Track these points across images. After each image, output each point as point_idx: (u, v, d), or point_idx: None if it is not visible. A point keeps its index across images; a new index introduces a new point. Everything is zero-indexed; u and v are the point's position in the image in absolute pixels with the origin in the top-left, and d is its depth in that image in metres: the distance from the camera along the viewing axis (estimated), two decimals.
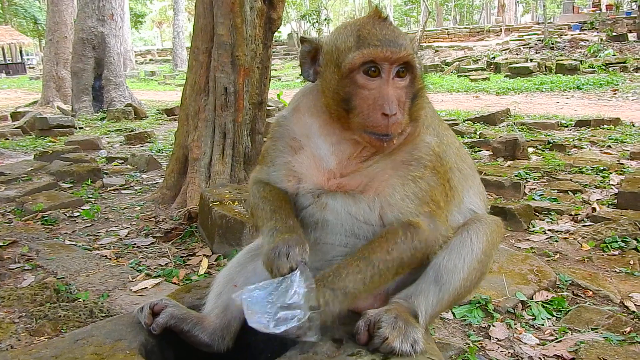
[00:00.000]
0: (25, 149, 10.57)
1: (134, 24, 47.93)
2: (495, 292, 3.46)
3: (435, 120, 1.81)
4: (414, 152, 1.65)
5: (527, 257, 3.93)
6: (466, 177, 1.87)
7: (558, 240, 4.60)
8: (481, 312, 3.29)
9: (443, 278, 1.64)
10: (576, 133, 9.76)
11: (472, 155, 8.13)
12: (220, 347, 1.75)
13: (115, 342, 1.58)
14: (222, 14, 5.41)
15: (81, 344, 1.56)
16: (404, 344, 1.50)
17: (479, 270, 1.69)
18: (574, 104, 14.42)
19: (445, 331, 3.12)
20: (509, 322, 3.19)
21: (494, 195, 5.92)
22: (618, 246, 4.31)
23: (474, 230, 1.71)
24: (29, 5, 50.10)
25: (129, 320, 1.74)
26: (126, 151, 9.85)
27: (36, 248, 4.60)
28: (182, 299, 1.89)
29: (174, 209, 5.71)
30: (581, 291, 3.60)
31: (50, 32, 19.01)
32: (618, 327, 3.09)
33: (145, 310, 1.72)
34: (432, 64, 26.24)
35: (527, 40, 26.90)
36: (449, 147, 1.80)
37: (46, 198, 6.15)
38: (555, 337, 3.02)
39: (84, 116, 15.67)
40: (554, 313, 3.31)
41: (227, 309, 1.80)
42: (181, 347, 1.72)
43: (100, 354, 1.48)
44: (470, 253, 1.66)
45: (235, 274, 1.89)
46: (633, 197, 5.23)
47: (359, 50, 1.57)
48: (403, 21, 61.65)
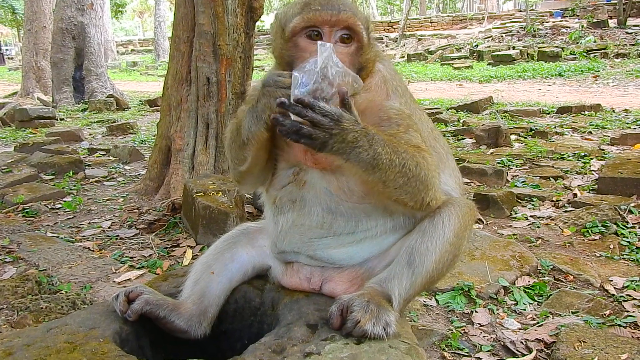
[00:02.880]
0: (5, 141, 10.40)
1: (115, 14, 47.08)
2: (478, 278, 3.50)
3: (407, 96, 1.82)
4: (381, 114, 1.68)
5: (510, 244, 3.98)
6: (440, 158, 1.87)
7: (540, 226, 4.65)
8: (464, 298, 3.33)
9: (416, 261, 1.64)
10: (558, 120, 9.86)
11: (455, 144, 8.18)
12: (196, 333, 1.74)
13: (88, 330, 1.56)
14: (203, 3, 5.35)
15: (54, 332, 1.54)
16: (376, 326, 1.51)
17: (451, 252, 1.70)
18: (556, 91, 14.56)
19: (429, 317, 3.16)
20: (492, 308, 3.24)
21: (477, 182, 5.97)
22: (598, 231, 4.37)
23: (446, 213, 1.71)
24: None
25: (104, 309, 1.73)
26: (108, 142, 9.74)
27: (17, 240, 4.54)
28: (158, 287, 1.88)
29: (157, 200, 5.66)
30: (562, 276, 3.66)
31: (29, 22, 18.64)
32: (598, 310, 3.15)
33: (121, 298, 1.71)
34: (416, 52, 26.26)
35: (509, 28, 27.02)
36: (421, 123, 1.81)
37: (27, 190, 6.06)
38: (536, 322, 3.07)
39: (64, 107, 15.44)
40: (536, 298, 3.37)
41: (204, 296, 1.80)
42: (157, 335, 1.71)
43: (72, 342, 1.46)
44: (442, 236, 1.67)
45: (212, 261, 1.88)
46: (613, 182, 5.31)
47: (301, 15, 1.62)
48: (386, 9, 61.47)
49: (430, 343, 2.83)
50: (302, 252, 1.78)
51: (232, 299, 1.87)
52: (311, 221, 1.73)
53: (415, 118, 1.75)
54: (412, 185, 1.58)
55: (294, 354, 1.39)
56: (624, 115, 9.97)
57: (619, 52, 20.08)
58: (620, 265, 3.79)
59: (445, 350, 2.80)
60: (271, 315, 1.75)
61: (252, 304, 1.86)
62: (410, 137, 1.66)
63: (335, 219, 1.72)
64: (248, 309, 1.86)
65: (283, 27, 1.67)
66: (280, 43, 1.69)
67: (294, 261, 1.83)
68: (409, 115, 1.70)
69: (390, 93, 1.74)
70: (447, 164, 1.88)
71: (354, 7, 1.67)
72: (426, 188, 1.62)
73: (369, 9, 44.52)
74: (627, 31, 22.89)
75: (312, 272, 1.80)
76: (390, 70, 1.80)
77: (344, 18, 1.60)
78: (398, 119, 1.67)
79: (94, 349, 1.44)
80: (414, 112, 1.78)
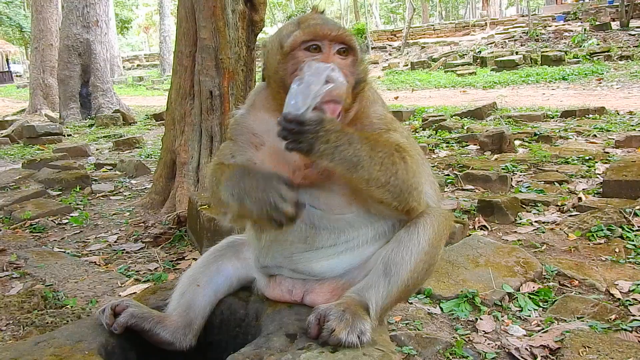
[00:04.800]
0: (13, 158, 10.52)
1: (120, 30, 47.68)
2: (482, 285, 3.50)
3: (385, 107, 1.91)
4: (365, 120, 1.73)
5: (514, 249, 3.97)
6: (426, 169, 1.92)
7: (545, 231, 4.64)
8: (468, 305, 3.32)
9: (392, 270, 1.67)
10: (562, 124, 9.85)
11: (460, 150, 8.19)
12: (182, 345, 1.77)
13: (75, 343, 1.60)
14: (204, 18, 5.42)
15: (42, 346, 1.58)
16: (350, 335, 1.54)
17: (426, 262, 1.72)
18: (560, 95, 14.54)
19: (433, 326, 3.15)
20: (496, 315, 3.23)
21: (482, 189, 5.97)
22: (604, 235, 4.35)
23: (421, 223, 1.74)
24: (14, 13, 49.69)
25: (91, 323, 1.76)
26: (115, 157, 9.82)
27: (24, 256, 4.59)
28: (146, 300, 1.92)
29: (163, 213, 5.70)
30: (567, 281, 3.64)
31: (36, 40, 18.91)
32: (603, 315, 3.13)
33: (107, 311, 1.75)
34: (419, 60, 26.32)
35: (512, 33, 27.04)
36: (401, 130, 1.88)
37: (34, 206, 6.12)
38: (541, 328, 3.06)
39: (72, 123, 15.61)
40: (541, 304, 3.35)
41: (190, 308, 1.83)
42: (144, 348, 1.73)
43: (59, 355, 1.51)
44: (417, 245, 1.70)
45: (198, 274, 1.92)
46: (618, 185, 5.29)
47: (300, 29, 1.68)
48: (389, 19, 61.75)
49: (435, 351, 2.83)
50: (284, 266, 1.81)
51: (217, 311, 1.90)
52: (294, 237, 1.76)
53: (395, 125, 1.83)
54: (394, 184, 1.61)
55: None
56: (628, 118, 9.95)
57: (623, 54, 20.05)
58: (626, 269, 3.76)
59: (449, 358, 2.80)
60: (255, 326, 1.78)
61: (237, 316, 1.89)
62: (391, 137, 1.72)
63: (318, 233, 1.75)
64: (233, 320, 1.89)
65: (282, 43, 1.71)
66: (277, 59, 1.73)
67: (276, 274, 1.86)
68: (392, 119, 1.78)
69: (373, 102, 1.82)
70: (425, 173, 1.89)
71: (347, 28, 1.77)
72: (409, 187, 1.64)
73: (372, 18, 44.77)
74: (630, 33, 22.86)
75: (294, 284, 1.83)
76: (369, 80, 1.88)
77: (342, 33, 1.69)
78: (381, 123, 1.74)
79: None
80: (394, 120, 1.87)
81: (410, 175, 1.64)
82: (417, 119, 11.74)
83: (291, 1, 40.62)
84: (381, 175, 1.57)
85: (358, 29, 32.63)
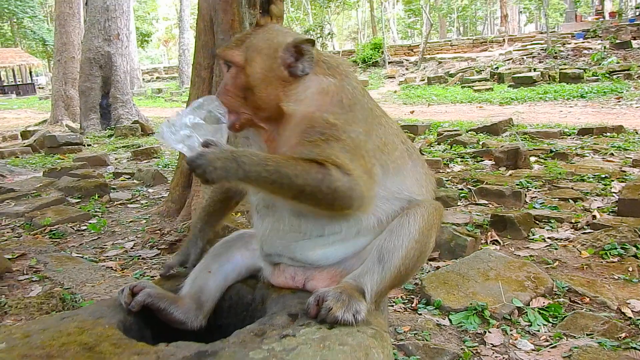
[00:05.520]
0: (34, 166, 10.76)
1: (141, 43, 48.56)
2: (491, 298, 3.51)
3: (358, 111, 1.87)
4: (307, 123, 1.79)
5: (525, 264, 3.98)
6: (398, 166, 1.94)
7: (557, 247, 4.63)
8: (477, 318, 3.34)
9: (385, 258, 1.79)
10: (579, 141, 9.79)
11: (474, 165, 8.19)
12: (193, 325, 1.90)
13: (96, 319, 1.74)
14: (222, 31, 5.55)
15: (67, 320, 1.73)
16: (347, 313, 1.66)
17: (417, 249, 1.82)
18: (577, 113, 14.46)
19: (442, 337, 3.18)
20: (505, 328, 3.24)
21: (495, 204, 5.97)
22: (617, 253, 4.33)
23: (412, 213, 1.85)
24: (37, 27, 51.00)
25: (111, 302, 1.90)
26: (133, 167, 9.99)
27: (44, 260, 4.71)
28: (162, 285, 2.06)
29: (178, 221, 5.80)
30: (578, 298, 3.64)
31: (58, 53, 19.36)
32: (613, 332, 3.12)
33: (126, 291, 1.87)
34: (436, 75, 26.39)
35: (530, 50, 26.97)
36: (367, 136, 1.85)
37: (54, 213, 6.28)
38: (550, 343, 3.06)
39: (92, 134, 15.91)
40: (550, 319, 3.35)
41: (201, 292, 1.97)
42: (159, 328, 1.86)
43: (82, 327, 1.66)
44: (408, 234, 1.80)
45: (210, 262, 2.06)
46: (633, 204, 5.26)
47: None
48: (407, 34, 62.00)
49: None
50: (283, 254, 1.93)
51: (227, 296, 2.04)
52: (284, 225, 1.88)
53: (350, 130, 1.80)
54: (318, 202, 1.72)
55: (272, 336, 1.57)
56: None
57: None
58: (639, 289, 3.75)
59: None
60: (261, 309, 1.90)
61: (244, 300, 2.03)
62: (323, 148, 1.74)
63: (304, 222, 1.85)
64: (241, 304, 2.03)
65: None
66: None
67: (279, 262, 1.97)
68: (333, 124, 1.77)
69: (327, 105, 1.82)
70: (407, 174, 1.96)
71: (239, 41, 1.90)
72: (335, 197, 1.71)
73: (389, 33, 45.01)
74: None
75: (295, 271, 1.94)
76: (341, 84, 1.87)
77: (220, 53, 1.91)
78: (321, 128, 1.76)
79: (99, 332, 1.63)
80: (354, 125, 1.82)
81: (333, 186, 1.69)
82: (432, 134, 11.77)
83: (309, 15, 41.02)
84: (292, 187, 1.68)
85: (375, 44, 32.82)
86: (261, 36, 1.89)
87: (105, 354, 1.51)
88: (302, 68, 1.82)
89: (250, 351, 1.47)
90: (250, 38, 1.90)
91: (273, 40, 1.86)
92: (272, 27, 1.95)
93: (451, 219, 5.39)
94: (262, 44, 1.86)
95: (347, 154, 1.75)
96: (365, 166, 1.79)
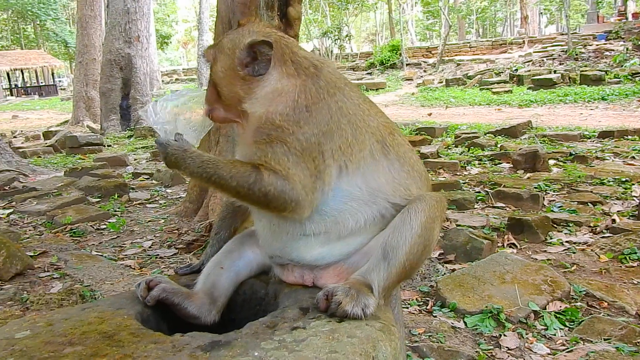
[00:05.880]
0: (56, 166, 10.96)
1: (160, 45, 49.04)
2: (507, 302, 3.49)
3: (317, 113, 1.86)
4: (259, 123, 1.86)
5: (542, 268, 3.95)
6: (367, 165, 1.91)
7: (576, 251, 4.59)
8: (493, 321, 3.33)
9: (389, 254, 1.81)
10: (599, 144, 9.67)
11: (492, 168, 8.13)
12: (207, 319, 1.93)
13: (115, 310, 1.81)
14: None
15: (88, 311, 1.82)
16: (356, 307, 1.70)
17: (421, 243, 1.83)
18: (598, 115, 14.26)
19: (456, 339, 3.17)
20: (521, 332, 3.22)
21: (512, 207, 5.93)
22: (637, 257, 4.28)
23: (412, 208, 1.86)
24: (60, 29, 51.94)
25: (130, 295, 1.98)
26: (152, 167, 10.12)
27: (65, 258, 4.81)
28: (177, 280, 2.11)
29: (196, 221, 5.87)
30: (596, 302, 3.60)
31: (80, 55, 19.67)
32: (631, 337, 3.08)
33: (142, 285, 1.93)
34: (454, 77, 26.20)
35: (550, 52, 26.65)
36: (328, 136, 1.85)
37: (75, 212, 6.39)
38: (566, 347, 3.04)
39: (112, 134, 16.14)
40: (567, 323, 3.33)
41: (214, 287, 2.01)
42: (175, 322, 1.91)
43: (102, 317, 1.74)
44: (410, 230, 1.82)
45: (222, 258, 2.10)
46: None
47: None
48: (425, 35, 61.73)
49: None
50: (282, 256, 1.97)
51: (240, 291, 2.09)
52: (275, 225, 1.93)
53: (300, 132, 1.81)
54: (254, 203, 1.83)
55: (284, 328, 1.62)
56: None
57: None
58: None
59: None
60: (273, 304, 1.95)
61: (258, 295, 2.08)
62: (265, 151, 1.80)
63: (284, 222, 1.90)
64: (254, 299, 2.08)
65: None
66: None
67: (285, 263, 2.00)
68: (279, 126, 1.80)
69: (278, 106, 1.85)
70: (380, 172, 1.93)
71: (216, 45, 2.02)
72: (268, 200, 1.78)
73: (407, 35, 44.87)
74: None
75: (302, 271, 1.98)
76: (302, 85, 1.88)
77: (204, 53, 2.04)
78: (268, 130, 1.82)
79: (118, 322, 1.71)
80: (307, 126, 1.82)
81: (266, 190, 1.76)
82: (449, 136, 11.71)
83: (327, 17, 41.07)
84: (226, 190, 1.81)
85: (393, 46, 32.72)
86: (231, 36, 1.99)
87: (123, 342, 1.57)
88: (257, 69, 1.89)
89: (262, 342, 1.53)
90: (224, 37, 2.01)
91: (236, 40, 1.93)
92: (248, 27, 2.00)
93: (468, 222, 5.37)
94: (228, 44, 1.95)
95: (291, 157, 1.79)
96: (313, 169, 1.81)
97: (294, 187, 1.77)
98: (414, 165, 2.02)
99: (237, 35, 1.96)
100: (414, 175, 2.00)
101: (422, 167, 2.07)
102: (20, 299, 3.83)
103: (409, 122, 14.55)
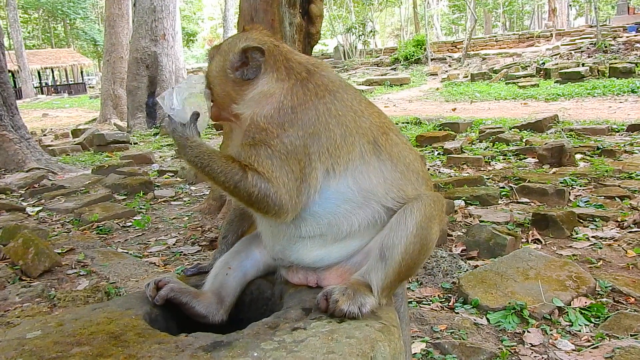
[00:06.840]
0: (84, 164, 11.19)
1: (186, 43, 49.56)
2: (531, 298, 3.45)
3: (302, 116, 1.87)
4: (246, 125, 1.91)
5: (566, 264, 3.88)
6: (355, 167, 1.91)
7: (602, 247, 4.50)
8: (516, 318, 3.29)
9: (386, 254, 1.83)
10: (628, 138, 9.43)
11: (517, 163, 8.01)
12: (214, 319, 1.96)
13: (124, 310, 1.86)
14: None
15: (97, 311, 1.86)
16: (352, 306, 1.73)
17: (417, 243, 1.83)
18: (628, 108, 13.91)
19: (479, 336, 3.14)
20: (545, 328, 3.18)
21: (537, 202, 5.84)
22: None
23: (409, 208, 1.86)
24: (89, 28, 52.97)
25: (139, 295, 2.03)
26: (177, 165, 10.24)
27: (91, 255, 4.91)
28: (187, 280, 2.16)
29: (219, 219, 5.93)
30: (622, 298, 3.53)
31: (108, 53, 20.04)
32: None
33: (151, 285, 1.97)
34: (479, 72, 25.81)
35: (578, 45, 26.01)
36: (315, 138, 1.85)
37: (101, 209, 6.53)
38: (591, 344, 2.99)
39: (138, 132, 16.39)
40: (592, 319, 3.27)
41: (222, 287, 2.04)
42: (183, 321, 1.94)
43: (110, 318, 1.78)
44: (405, 229, 1.82)
45: (230, 258, 2.13)
46: None
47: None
48: (450, 30, 60.99)
49: None
50: (284, 258, 2.00)
51: (248, 291, 2.12)
52: (274, 227, 1.95)
53: (285, 135, 1.82)
54: (239, 198, 1.85)
55: (285, 328, 1.66)
56: None
57: None
58: None
59: None
60: (279, 304, 1.97)
61: (264, 295, 2.11)
62: (250, 153, 1.82)
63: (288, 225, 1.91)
64: (261, 299, 2.11)
65: None
66: None
67: (289, 265, 2.03)
68: (264, 129, 1.83)
69: (264, 108, 1.88)
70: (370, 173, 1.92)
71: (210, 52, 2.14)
72: (252, 201, 1.81)
73: (432, 30, 44.40)
74: None
75: (306, 272, 2.01)
76: (290, 88, 1.90)
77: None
78: (253, 132, 1.85)
79: (126, 323, 1.75)
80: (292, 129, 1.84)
81: (249, 191, 1.79)
82: (474, 131, 11.56)
83: (351, 13, 40.90)
84: (216, 184, 1.87)
85: (417, 41, 32.42)
86: (230, 39, 2.07)
87: (129, 342, 1.62)
88: (247, 73, 1.95)
89: (262, 342, 1.57)
90: (225, 40, 2.10)
91: (232, 44, 2.01)
92: (247, 33, 2.06)
93: (491, 218, 5.31)
94: (225, 47, 2.03)
95: (275, 160, 1.81)
96: (298, 172, 1.82)
97: (277, 191, 1.79)
98: (409, 164, 2.00)
99: (234, 40, 2.03)
100: (409, 175, 1.98)
101: (419, 167, 2.05)
102: (48, 296, 3.93)
103: (433, 117, 14.41)
